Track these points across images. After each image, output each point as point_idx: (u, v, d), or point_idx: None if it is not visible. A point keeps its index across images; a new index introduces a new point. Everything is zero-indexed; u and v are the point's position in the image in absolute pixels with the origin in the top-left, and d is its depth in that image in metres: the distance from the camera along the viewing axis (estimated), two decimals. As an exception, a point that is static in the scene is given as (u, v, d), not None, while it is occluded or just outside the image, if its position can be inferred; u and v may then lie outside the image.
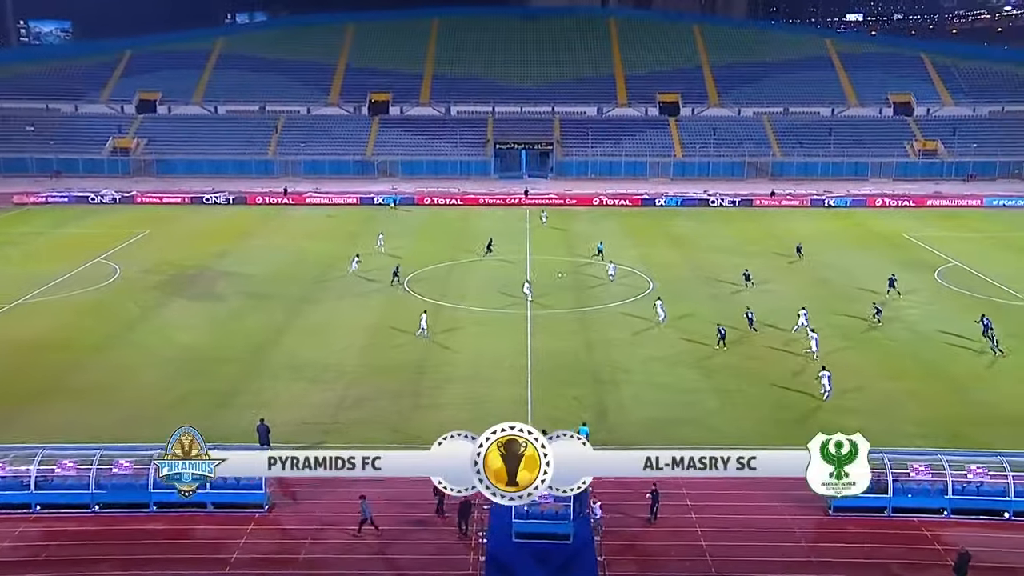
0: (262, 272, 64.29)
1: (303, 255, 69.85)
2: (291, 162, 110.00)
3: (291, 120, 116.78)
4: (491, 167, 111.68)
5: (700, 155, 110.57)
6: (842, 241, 76.03)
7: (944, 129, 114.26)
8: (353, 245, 73.34)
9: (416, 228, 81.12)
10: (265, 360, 46.04)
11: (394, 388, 42.28)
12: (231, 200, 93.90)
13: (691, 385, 42.91)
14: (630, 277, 62.86)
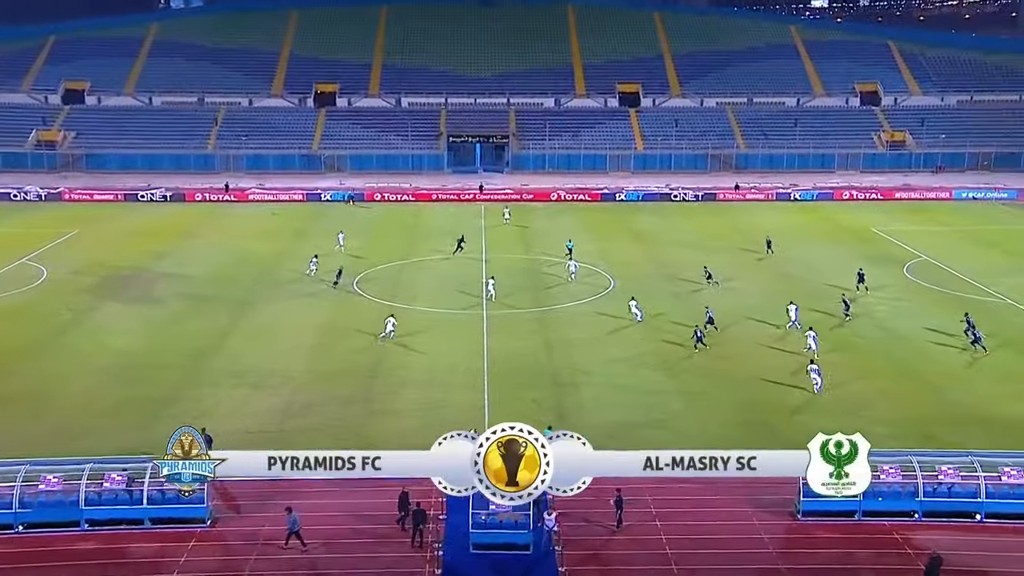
0: (202, 273, 63.54)
1: (246, 255, 69.11)
2: (232, 156, 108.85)
3: (232, 112, 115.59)
4: (444, 161, 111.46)
5: (662, 147, 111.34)
6: (809, 236, 76.98)
7: (912, 119, 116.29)
8: (300, 244, 72.83)
9: (367, 226, 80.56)
10: (206, 366, 45.50)
11: (344, 394, 41.95)
12: (168, 197, 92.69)
13: (655, 387, 43.12)
14: (590, 275, 63.00)
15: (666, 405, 40.92)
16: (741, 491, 32.91)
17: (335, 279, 59.08)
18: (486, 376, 44.15)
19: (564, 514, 31.22)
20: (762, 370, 45.05)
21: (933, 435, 37.79)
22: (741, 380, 43.85)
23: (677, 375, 44.66)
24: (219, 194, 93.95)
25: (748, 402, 41.17)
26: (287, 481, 33.12)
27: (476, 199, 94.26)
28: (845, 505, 31.30)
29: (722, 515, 31.90)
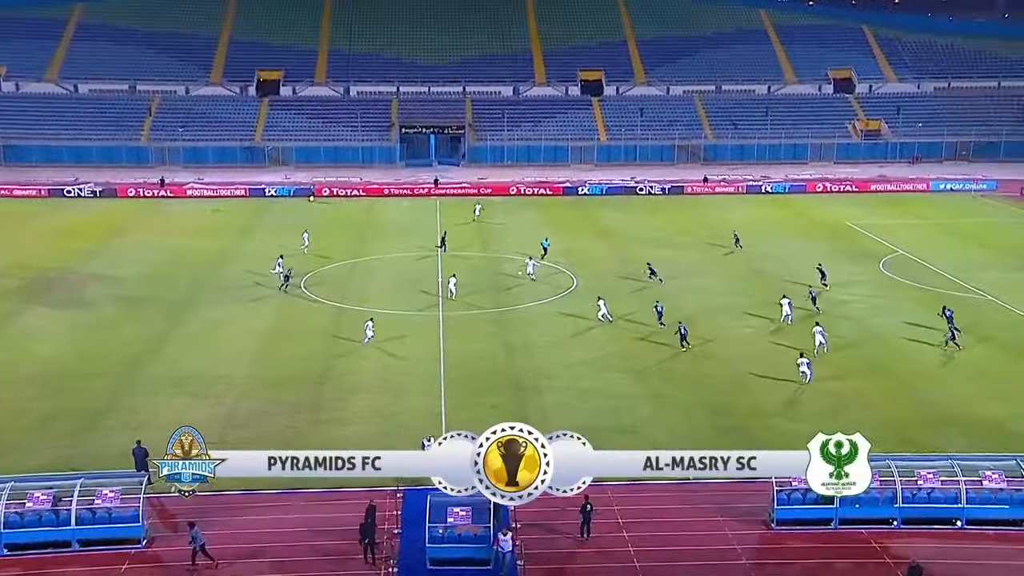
0: (137, 274, 62.84)
1: (185, 254, 68.43)
2: (168, 149, 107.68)
3: (167, 101, 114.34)
4: (396, 154, 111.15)
5: (626, 138, 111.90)
6: (781, 230, 77.81)
7: (887, 107, 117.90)
8: (244, 242, 72.31)
9: (314, 222, 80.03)
10: (141, 374, 44.99)
11: (291, 401, 41.70)
12: (98, 193, 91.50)
13: (621, 390, 43.33)
14: (553, 274, 63.15)
15: (634, 410, 41.11)
16: (713, 499, 33.16)
17: (283, 282, 58.48)
18: (443, 381, 44.12)
19: (529, 524, 31.30)
20: (734, 371, 45.46)
21: (911, 438, 38.31)
22: (712, 382, 44.19)
23: (644, 378, 44.92)
24: (154, 189, 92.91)
25: (720, 405, 41.50)
26: (234, 495, 32.94)
27: (431, 194, 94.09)
28: (820, 513, 31.71)
29: (693, 524, 32.12)
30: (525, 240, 72.17)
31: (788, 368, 44.90)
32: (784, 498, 31.84)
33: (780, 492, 31.81)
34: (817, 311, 53.63)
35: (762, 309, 54.76)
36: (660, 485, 34.08)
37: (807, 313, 53.65)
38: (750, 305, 55.71)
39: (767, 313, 53.86)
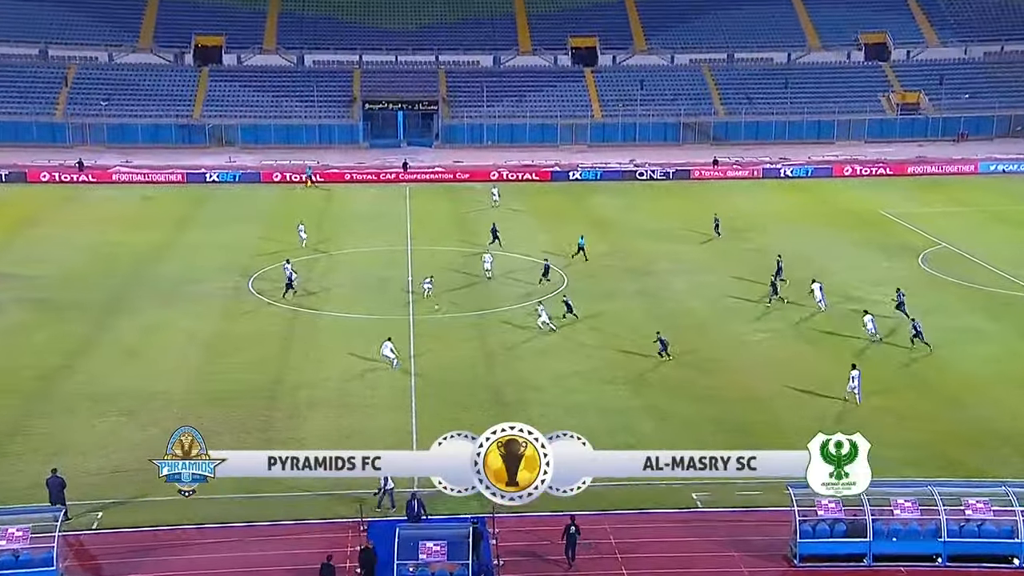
0: (53, 273, 62.46)
1: (111, 250, 68.04)
2: (89, 126, 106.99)
3: (86, 69, 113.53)
4: (359, 133, 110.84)
5: (624, 115, 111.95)
6: (802, 221, 78.03)
7: (928, 77, 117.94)
8: (182, 235, 72.06)
9: (264, 213, 79.80)
10: (58, 390, 44.71)
11: (238, 420, 41.56)
12: (4, 176, 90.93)
13: (617, 404, 43.40)
14: (539, 270, 63.12)
15: (633, 426, 41.14)
16: (725, 530, 33.23)
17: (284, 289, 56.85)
18: (413, 394, 44.07)
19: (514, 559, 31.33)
20: (746, 383, 45.57)
21: (957, 460, 38.44)
22: (721, 395, 44.26)
23: (643, 389, 45.04)
24: (72, 173, 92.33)
25: (731, 422, 41.51)
26: (167, 532, 32.80)
27: (400, 180, 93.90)
28: (851, 548, 31.77)
29: (702, 559, 32.17)
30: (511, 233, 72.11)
31: (809, 379, 45.03)
32: (808, 529, 31.88)
33: (804, 523, 31.84)
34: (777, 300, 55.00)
35: (782, 311, 54.91)
36: (664, 514, 34.20)
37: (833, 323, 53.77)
38: (767, 307, 55.83)
39: (785, 316, 53.98)
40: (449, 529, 30.97)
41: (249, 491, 34.97)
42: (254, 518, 33.92)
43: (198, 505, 34.15)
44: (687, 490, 35.44)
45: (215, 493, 34.50)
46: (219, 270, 62.14)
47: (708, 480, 35.38)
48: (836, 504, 31.79)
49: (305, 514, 34.21)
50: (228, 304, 56.52)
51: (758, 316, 54.51)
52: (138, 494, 35.43)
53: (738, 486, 35.19)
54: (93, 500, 34.88)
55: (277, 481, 35.44)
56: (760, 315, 54.57)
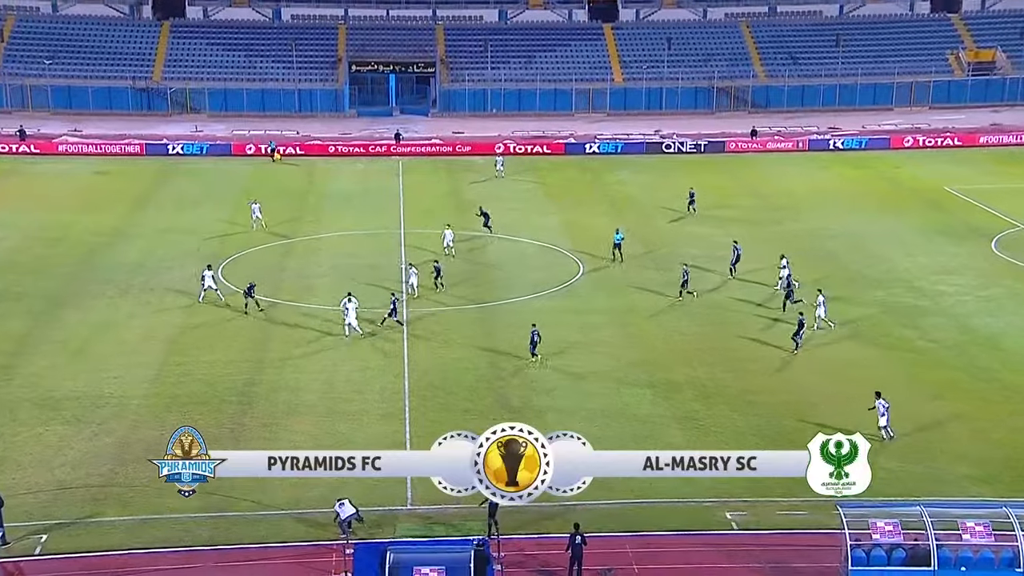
0: (-7, 259, 62.62)
1: (59, 233, 68.00)
2: (29, 88, 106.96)
3: (26, 22, 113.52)
4: (345, 99, 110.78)
5: (649, 79, 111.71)
6: (855, 200, 77.75)
7: (1006, 30, 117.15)
8: (140, 216, 71.98)
9: (235, 191, 79.71)
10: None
11: (204, 427, 40.45)
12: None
13: (642, 410, 43.16)
14: (550, 256, 62.95)
15: (660, 436, 40.89)
16: (762, 555, 33.07)
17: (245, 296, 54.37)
18: (407, 400, 43.92)
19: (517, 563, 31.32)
20: (787, 386, 45.34)
21: (1035, 476, 38.24)
22: (765, 401, 43.93)
23: (672, 394, 44.82)
24: (11, 143, 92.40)
25: (773, 432, 41.20)
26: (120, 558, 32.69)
27: (391, 152, 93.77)
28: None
29: (738, 590, 32.03)
30: (517, 214, 71.95)
31: (862, 383, 44.69)
32: (861, 556, 31.57)
33: (856, 548, 31.51)
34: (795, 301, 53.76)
35: (833, 306, 54.44)
36: (694, 536, 34.04)
37: (891, 318, 53.50)
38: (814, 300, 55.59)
39: (839, 310, 53.70)
40: (448, 552, 30.75)
41: (215, 510, 34.86)
42: (221, 540, 33.71)
43: (156, 526, 34.17)
44: (721, 509, 35.32)
45: (176, 512, 34.58)
46: (183, 257, 61.88)
47: (745, 499, 35.54)
48: (894, 527, 31.49)
49: (280, 535, 34.04)
50: (193, 296, 56.32)
51: (805, 310, 54.12)
52: (87, 514, 35.29)
53: (780, 505, 35.08)
54: (35, 521, 34.60)
55: (246, 498, 35.52)
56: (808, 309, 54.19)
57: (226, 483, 36.34)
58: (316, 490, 35.87)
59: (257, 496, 35.94)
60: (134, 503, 35.96)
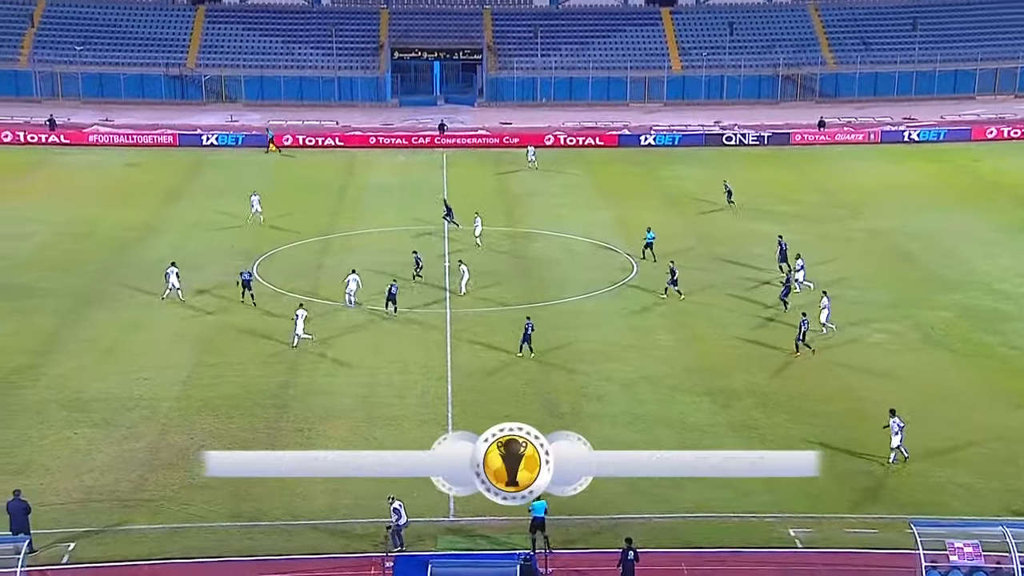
0: (18, 255, 63.28)
1: (89, 228, 68.74)
2: (60, 75, 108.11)
3: (56, 6, 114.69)
4: (387, 88, 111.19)
5: (709, 66, 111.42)
6: (932, 196, 77.30)
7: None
8: (172, 210, 72.64)
9: (270, 184, 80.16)
10: (22, 395, 45.01)
11: (237, 432, 41.69)
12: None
13: (699, 419, 43.06)
14: (602, 254, 62.93)
15: (717, 447, 40.48)
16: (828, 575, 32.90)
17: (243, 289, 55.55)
18: (450, 405, 44.05)
19: None
20: (864, 396, 44.99)
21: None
22: (826, 410, 43.67)
23: (731, 401, 44.72)
24: (40, 133, 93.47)
25: (839, 444, 40.80)
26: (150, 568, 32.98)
27: (435, 144, 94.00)
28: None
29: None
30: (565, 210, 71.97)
31: (938, 393, 44.49)
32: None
33: (932, 569, 31.24)
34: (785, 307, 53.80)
35: (906, 309, 54.34)
36: (754, 554, 33.91)
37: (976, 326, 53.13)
38: (889, 303, 55.31)
39: (911, 314, 53.41)
40: (493, 567, 30.89)
41: (247, 519, 35.22)
42: (254, 551, 33.96)
43: (187, 535, 34.45)
44: (783, 525, 35.15)
45: (207, 521, 34.92)
46: (215, 253, 62.39)
47: (809, 514, 35.39)
48: (974, 548, 31.16)
49: (316, 546, 34.25)
50: (227, 293, 56.70)
51: (875, 314, 53.89)
52: (116, 522, 35.56)
53: (848, 522, 34.97)
54: (63, 528, 34.89)
55: (279, 507, 35.76)
56: (878, 312, 53.95)
57: (258, 491, 36.99)
58: (352, 499, 36.15)
59: (291, 505, 36.18)
60: (164, 511, 36.22)
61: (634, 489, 37.27)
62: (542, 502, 33.36)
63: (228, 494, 37.19)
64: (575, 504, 35.37)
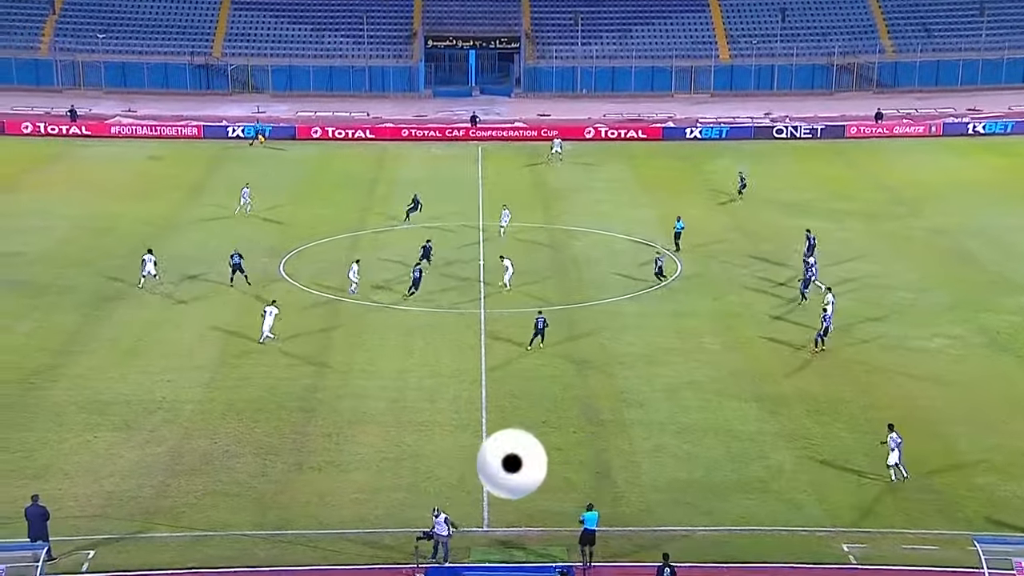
0: (36, 250, 63.66)
1: (110, 223, 69.15)
2: (82, 64, 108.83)
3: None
4: (420, 78, 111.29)
5: (759, 55, 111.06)
6: (997, 192, 76.81)
7: None
8: (196, 204, 73.03)
9: (297, 178, 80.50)
10: (41, 396, 45.33)
11: (263, 438, 41.88)
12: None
13: (747, 427, 42.96)
14: (645, 253, 62.86)
15: (767, 457, 40.68)
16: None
17: (233, 272, 57.20)
18: (484, 410, 44.11)
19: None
20: (919, 403, 44.84)
21: None
22: (883, 418, 43.12)
23: (781, 408, 44.56)
24: (61, 124, 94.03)
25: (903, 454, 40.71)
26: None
27: (469, 137, 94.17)
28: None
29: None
30: (606, 208, 71.94)
31: (1002, 403, 44.22)
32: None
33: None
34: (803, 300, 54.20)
35: (969, 312, 53.99)
36: (806, 569, 33.82)
37: None
38: (951, 306, 54.99)
39: (975, 319, 53.08)
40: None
41: (273, 527, 35.47)
42: (279, 562, 34.15)
43: (210, 544, 34.65)
44: (836, 540, 35.07)
45: (231, 529, 35.14)
46: (242, 249, 62.65)
47: (865, 529, 35.27)
48: (1044, 564, 31.03)
49: (344, 557, 34.35)
50: (252, 292, 56.96)
51: (935, 317, 53.59)
52: (137, 529, 35.81)
53: (907, 538, 34.86)
54: (82, 536, 35.19)
55: (307, 516, 35.94)
56: (939, 316, 53.64)
57: (285, 499, 37.21)
58: (383, 509, 36.31)
59: (319, 514, 36.42)
60: (186, 518, 36.44)
61: (676, 500, 37.33)
62: (594, 514, 33.41)
63: (253, 501, 37.47)
64: (615, 516, 35.62)
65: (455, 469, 39.01)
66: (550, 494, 36.36)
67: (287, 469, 39.77)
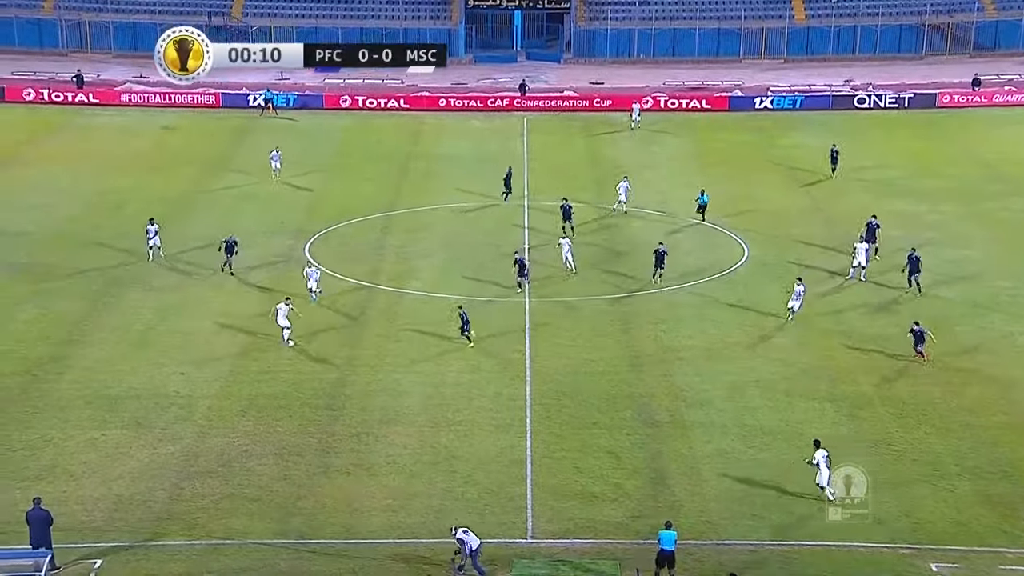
0: (40, 230, 64.24)
1: (120, 199, 69.77)
2: (89, 25, 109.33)
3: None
4: (460, 42, 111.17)
5: (839, 15, 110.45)
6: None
7: None
8: (215, 179, 73.45)
9: (325, 151, 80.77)
10: (45, 390, 45.72)
11: (286, 438, 42.16)
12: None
13: (820, 430, 42.21)
14: (707, 236, 62.84)
15: (839, 463, 40.50)
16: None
17: (227, 256, 57.60)
18: (528, 409, 44.22)
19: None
20: (1010, 407, 44.64)
21: None
22: (979, 423, 43.16)
23: (861, 410, 44.47)
24: (66, 91, 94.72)
25: (995, 467, 40.39)
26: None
27: (514, 107, 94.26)
28: None
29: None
30: (665, 185, 71.99)
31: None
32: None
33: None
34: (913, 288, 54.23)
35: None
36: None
37: None
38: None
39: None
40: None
41: (295, 535, 35.77)
42: (300, 572, 34.35)
43: (226, 553, 34.89)
44: (923, 558, 34.81)
45: (249, 537, 35.39)
46: (263, 231, 62.97)
47: (956, 546, 35.04)
48: None
49: (372, 569, 34.47)
50: (275, 277, 57.25)
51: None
52: (147, 536, 36.07)
53: (1003, 557, 34.63)
54: (89, 543, 35.44)
55: (333, 523, 36.17)
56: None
57: (309, 505, 37.47)
58: (417, 517, 36.49)
59: (346, 521, 36.63)
60: (201, 524, 36.70)
61: (741, 512, 37.30)
62: (672, 533, 33.44)
63: (274, 507, 37.74)
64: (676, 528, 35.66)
65: (495, 474, 39.20)
66: (601, 503, 36.51)
67: (312, 472, 40.01)
